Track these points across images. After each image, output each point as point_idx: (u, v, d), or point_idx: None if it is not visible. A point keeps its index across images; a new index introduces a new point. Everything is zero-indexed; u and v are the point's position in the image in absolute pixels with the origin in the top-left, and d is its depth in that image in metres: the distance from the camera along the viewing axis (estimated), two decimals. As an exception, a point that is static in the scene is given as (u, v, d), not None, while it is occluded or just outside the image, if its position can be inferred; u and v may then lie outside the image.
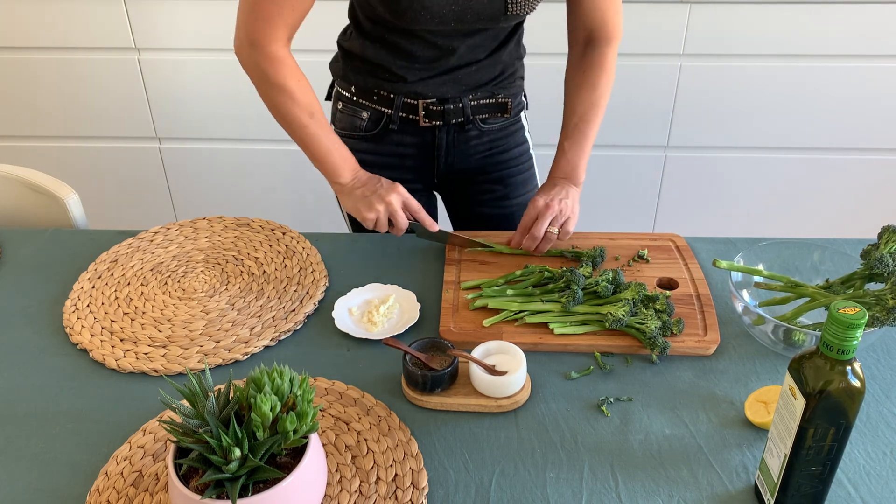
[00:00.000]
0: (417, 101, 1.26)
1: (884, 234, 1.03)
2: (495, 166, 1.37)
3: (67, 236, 1.33)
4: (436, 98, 1.26)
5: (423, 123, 1.28)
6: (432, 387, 0.95)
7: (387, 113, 1.28)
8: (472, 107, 1.29)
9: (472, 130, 1.32)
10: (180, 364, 1.03)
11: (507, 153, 1.37)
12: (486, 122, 1.32)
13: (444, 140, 1.32)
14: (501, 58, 1.26)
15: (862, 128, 2.18)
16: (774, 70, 2.10)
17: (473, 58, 1.23)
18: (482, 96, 1.29)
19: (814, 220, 2.36)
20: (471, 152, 1.35)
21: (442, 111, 1.27)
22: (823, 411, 0.71)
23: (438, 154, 1.33)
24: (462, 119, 1.29)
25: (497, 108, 1.31)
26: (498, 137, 1.35)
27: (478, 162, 1.36)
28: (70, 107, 2.27)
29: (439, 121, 1.28)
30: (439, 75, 1.24)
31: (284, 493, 0.74)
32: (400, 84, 1.25)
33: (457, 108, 1.27)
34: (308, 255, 1.23)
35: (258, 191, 2.40)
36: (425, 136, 1.31)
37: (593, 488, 0.85)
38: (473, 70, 1.25)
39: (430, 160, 1.34)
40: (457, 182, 1.39)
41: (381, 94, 1.27)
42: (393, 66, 1.23)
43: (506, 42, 1.25)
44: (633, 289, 1.07)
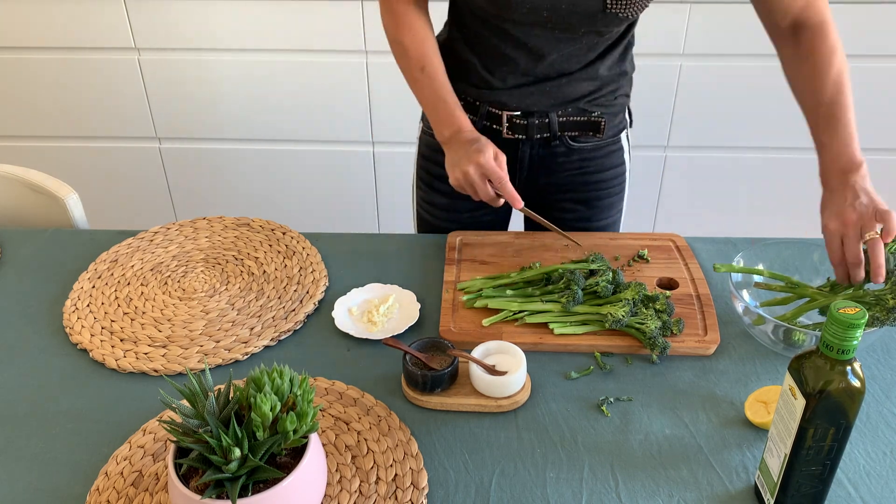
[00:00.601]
0: (502, 112, 1.22)
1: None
2: (583, 186, 1.30)
3: (67, 236, 1.33)
4: (520, 111, 1.21)
5: (506, 135, 1.24)
6: (432, 387, 0.95)
7: (471, 119, 1.21)
8: (560, 123, 1.22)
9: (560, 147, 1.26)
10: (180, 364, 1.03)
11: (599, 174, 1.30)
12: (576, 140, 1.25)
13: (528, 154, 1.26)
14: (598, 73, 1.19)
15: (862, 128, 2.17)
16: (774, 70, 2.09)
17: (565, 69, 1.17)
18: (572, 113, 1.22)
19: (814, 220, 2.34)
20: (557, 170, 1.28)
21: (526, 125, 1.22)
22: (823, 411, 0.71)
23: (520, 167, 1.28)
24: (548, 135, 1.23)
25: (588, 127, 1.24)
26: (590, 157, 1.28)
27: (564, 179, 1.29)
28: (70, 107, 2.27)
29: (522, 135, 1.23)
30: (527, 85, 1.19)
31: (284, 493, 0.74)
32: (485, 91, 1.21)
33: (542, 123, 1.22)
34: (308, 255, 1.23)
35: (258, 191, 2.40)
36: (508, 148, 1.25)
37: (593, 488, 0.85)
38: (564, 83, 1.18)
39: (511, 172, 1.25)
40: (539, 196, 1.32)
41: (468, 100, 1.24)
42: (481, 67, 1.19)
43: (604, 55, 1.18)
44: (633, 289, 1.07)
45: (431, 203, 1.36)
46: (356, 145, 2.29)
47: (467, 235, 1.27)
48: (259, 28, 2.10)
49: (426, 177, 1.35)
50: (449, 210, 1.28)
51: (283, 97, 2.20)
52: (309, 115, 2.24)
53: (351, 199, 2.40)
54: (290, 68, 2.16)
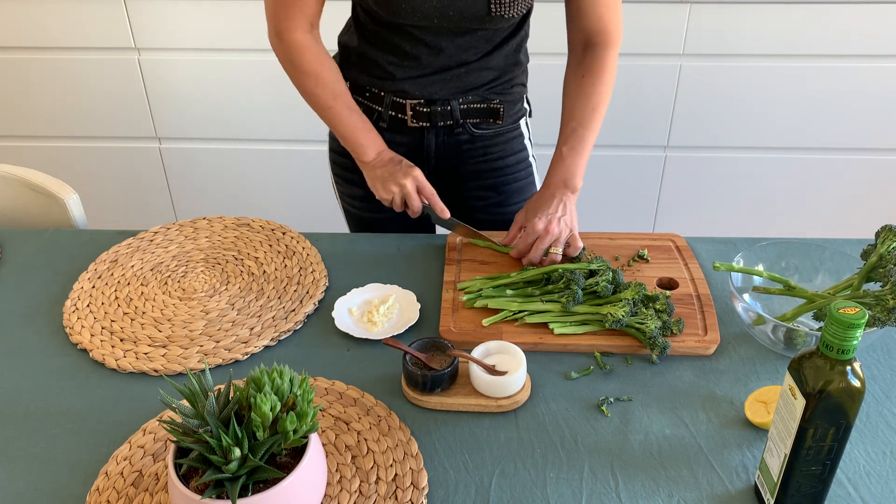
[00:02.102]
0: (405, 101, 1.26)
1: (881, 233, 1.03)
2: (489, 173, 1.36)
3: (67, 236, 1.33)
4: (423, 99, 1.26)
5: (411, 124, 1.28)
6: (432, 387, 0.95)
7: (377, 111, 1.29)
8: (462, 110, 1.27)
9: (463, 135, 1.31)
10: (180, 364, 1.03)
11: (503, 160, 1.35)
12: (478, 126, 1.31)
13: (434, 142, 1.31)
14: (495, 62, 1.25)
15: (862, 128, 2.18)
16: (774, 70, 2.10)
17: (463, 59, 1.22)
18: (473, 100, 1.27)
19: (814, 220, 2.36)
20: (463, 157, 1.34)
21: (429, 112, 1.26)
22: (823, 411, 0.71)
23: (428, 156, 1.33)
24: (451, 122, 1.28)
25: (489, 114, 1.29)
26: (492, 144, 1.33)
27: (471, 167, 1.35)
28: (70, 107, 2.27)
29: (426, 122, 1.28)
30: (428, 75, 1.23)
31: (284, 493, 0.74)
32: (389, 82, 1.25)
33: (445, 110, 1.27)
34: (308, 255, 1.23)
35: (258, 191, 2.40)
36: (415, 137, 1.31)
37: (593, 488, 0.85)
38: (463, 72, 1.23)
39: (419, 161, 1.33)
40: (450, 185, 1.38)
41: (373, 92, 1.28)
42: (384, 62, 1.23)
43: (500, 46, 1.23)
44: (633, 289, 1.07)
45: (353, 196, 1.40)
46: (356, 145, 2.29)
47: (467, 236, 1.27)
48: (259, 28, 2.09)
49: (340, 171, 1.39)
50: (370, 200, 1.32)
51: (283, 97, 2.20)
52: (309, 115, 2.22)
53: (351, 199, 2.39)
54: (290, 68, 2.15)
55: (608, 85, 1.22)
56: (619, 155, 2.25)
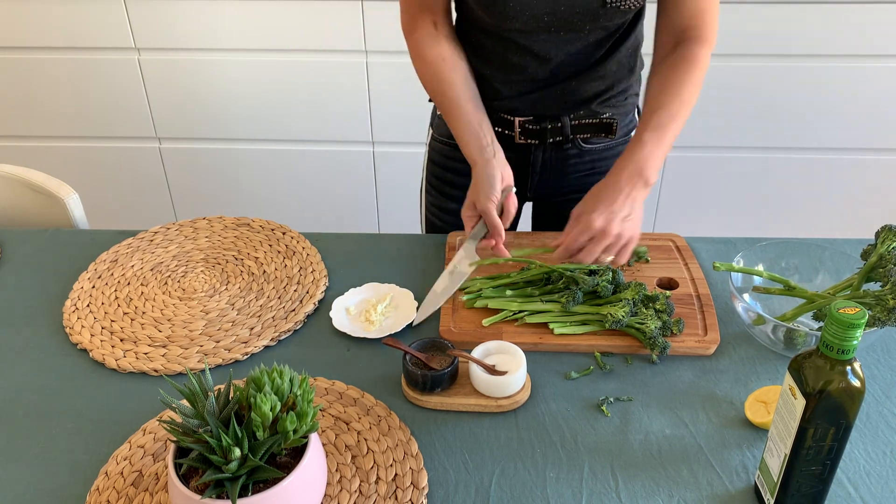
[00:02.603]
0: (514, 118, 1.21)
1: (881, 233, 1.03)
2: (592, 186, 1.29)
3: (67, 236, 1.33)
4: (533, 116, 1.21)
5: (518, 140, 1.23)
6: (432, 387, 0.95)
7: None
8: (573, 126, 1.21)
9: (572, 150, 1.25)
10: (180, 364, 1.03)
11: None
12: (588, 141, 1.24)
13: (541, 158, 1.26)
14: (608, 70, 1.17)
15: (862, 128, 2.18)
16: (775, 70, 2.10)
17: (573, 69, 1.15)
18: (584, 115, 1.21)
19: (814, 220, 2.36)
20: (569, 171, 1.28)
21: (539, 130, 1.21)
22: (823, 411, 0.71)
23: (533, 171, 1.28)
24: (560, 138, 1.23)
25: (601, 129, 1.23)
26: (601, 158, 1.27)
27: (576, 181, 1.29)
28: (70, 107, 2.27)
29: (536, 139, 1.22)
30: (536, 91, 1.18)
31: (284, 493, 0.74)
32: (496, 100, 1.20)
33: (555, 127, 1.21)
34: (308, 255, 1.23)
35: (258, 191, 2.40)
36: (521, 153, 1.25)
37: (593, 488, 0.85)
38: (573, 85, 1.17)
39: (523, 175, 1.28)
40: (550, 196, 1.33)
41: None
42: (489, 77, 1.18)
43: (612, 52, 1.16)
44: (633, 289, 1.07)
45: (442, 209, 1.36)
46: (356, 145, 2.29)
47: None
48: (259, 28, 2.10)
49: (437, 183, 1.35)
50: (460, 215, 1.27)
51: (282, 97, 2.20)
52: (309, 115, 2.24)
53: (351, 199, 2.40)
54: (290, 68, 2.16)
55: (699, 80, 1.11)
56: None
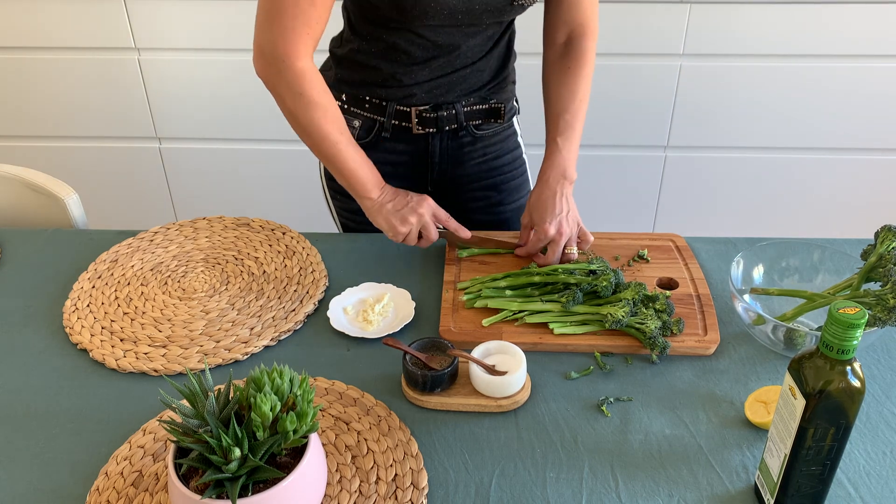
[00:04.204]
0: (410, 109, 1.24)
1: (881, 233, 1.03)
2: (489, 173, 1.36)
3: (67, 236, 1.33)
4: (429, 105, 1.24)
5: (416, 131, 1.26)
6: (432, 387, 0.95)
7: (379, 121, 1.26)
8: (466, 113, 1.27)
9: (466, 137, 1.30)
10: (180, 364, 1.03)
11: (501, 159, 1.35)
12: (479, 128, 1.30)
13: (438, 147, 1.30)
14: (493, 61, 1.25)
15: (862, 128, 2.18)
16: (774, 70, 2.10)
17: (469, 59, 1.21)
18: (475, 102, 1.27)
19: (814, 220, 2.36)
20: (464, 159, 1.33)
21: (435, 118, 1.25)
22: (823, 411, 0.71)
23: (432, 162, 1.32)
24: (455, 126, 1.28)
25: (490, 114, 1.29)
26: (491, 144, 1.33)
27: (472, 169, 1.35)
28: (70, 107, 2.27)
29: (433, 128, 1.26)
30: (435, 79, 1.22)
31: (284, 493, 0.74)
32: (393, 90, 1.23)
33: (450, 114, 1.25)
34: (308, 255, 1.23)
35: (258, 191, 2.40)
36: (418, 144, 1.29)
37: (593, 488, 0.85)
38: (468, 73, 1.22)
39: (423, 168, 1.32)
40: (450, 189, 1.37)
41: (374, 102, 1.25)
42: (387, 69, 1.20)
43: (497, 43, 1.23)
44: (633, 289, 1.07)
45: (352, 210, 1.36)
46: (356, 145, 2.29)
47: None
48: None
49: (338, 186, 1.35)
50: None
51: (283, 97, 2.20)
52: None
53: (351, 199, 2.39)
54: (290, 68, 2.15)
55: (590, 74, 1.24)
56: (619, 155, 2.25)
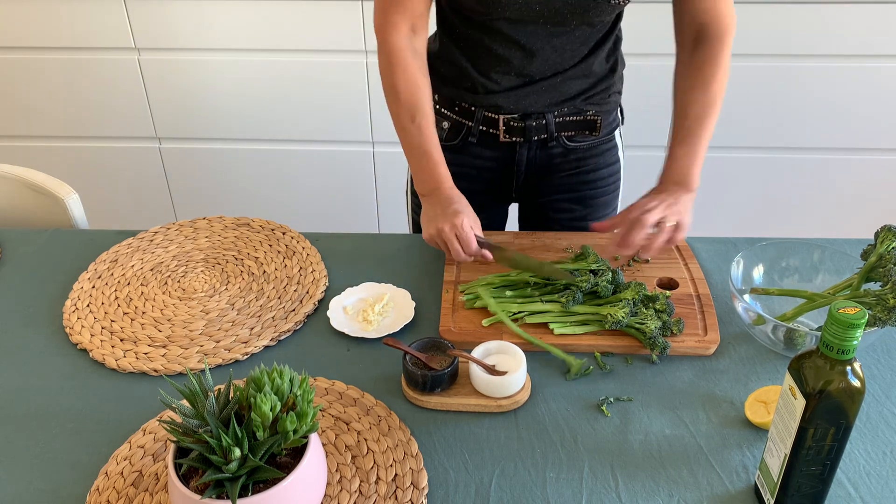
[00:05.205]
0: (498, 116, 1.21)
1: (881, 233, 1.03)
2: (579, 186, 1.30)
3: (67, 236, 1.33)
4: (517, 113, 1.21)
5: (503, 139, 1.23)
6: (432, 387, 0.95)
7: (467, 125, 1.24)
8: (557, 123, 1.22)
9: (557, 148, 1.26)
10: (180, 364, 1.03)
11: (594, 174, 1.30)
12: (572, 139, 1.25)
13: (525, 156, 1.26)
14: (591, 68, 1.19)
15: (862, 128, 2.18)
16: (774, 70, 2.10)
17: (558, 66, 1.17)
18: (568, 112, 1.22)
19: (814, 220, 2.36)
20: (554, 170, 1.29)
21: (523, 127, 1.21)
22: (823, 411, 0.71)
23: (518, 170, 1.28)
24: (545, 136, 1.23)
25: (585, 126, 1.24)
26: (586, 157, 1.28)
27: (560, 180, 1.30)
28: (70, 107, 2.27)
29: (520, 137, 1.23)
30: (522, 86, 1.18)
31: (284, 493, 0.74)
32: (481, 96, 1.20)
33: (539, 124, 1.22)
34: (308, 255, 1.23)
35: (258, 191, 2.40)
36: (505, 152, 1.26)
37: (593, 488, 0.85)
38: (558, 81, 1.18)
39: (508, 175, 1.29)
40: (535, 197, 1.33)
41: (463, 106, 1.23)
42: (474, 71, 1.18)
43: (595, 50, 1.17)
44: (633, 289, 1.07)
45: None
46: (356, 145, 2.29)
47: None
48: (259, 28, 2.10)
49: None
50: None
51: (282, 97, 2.20)
52: (308, 115, 2.24)
53: (351, 199, 2.40)
54: (289, 68, 2.16)
55: (724, 78, 1.15)
56: (619, 155, 2.25)
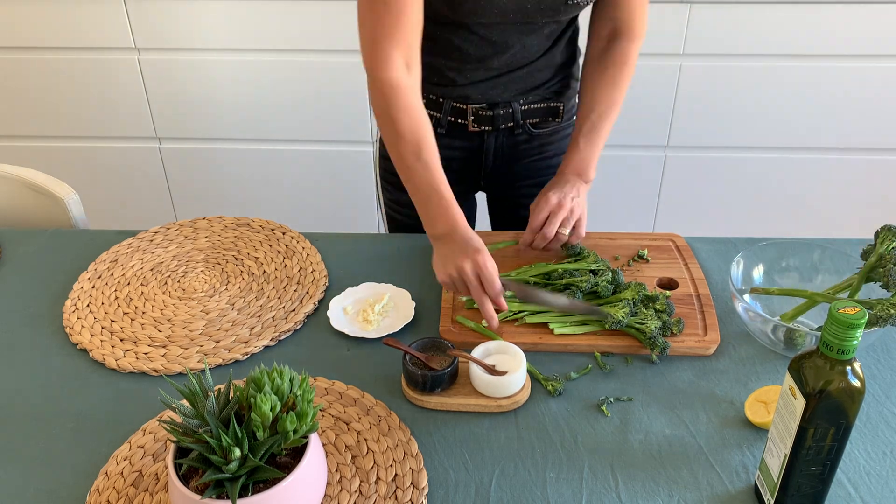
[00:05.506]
0: (467, 106, 1.23)
1: (881, 233, 1.03)
2: (544, 171, 1.34)
3: (67, 236, 1.33)
4: (485, 103, 1.23)
5: (472, 128, 1.25)
6: (432, 387, 0.95)
7: (435, 117, 1.25)
8: (523, 112, 1.25)
9: (522, 135, 1.29)
10: (180, 364, 1.03)
11: (557, 157, 1.32)
12: (536, 126, 1.29)
13: (493, 145, 1.29)
14: (555, 60, 1.23)
15: (862, 128, 2.18)
16: (775, 70, 2.10)
17: (527, 58, 1.19)
18: (533, 101, 1.25)
19: (814, 220, 2.36)
20: (519, 157, 1.32)
21: (491, 116, 1.24)
22: (823, 411, 0.71)
23: (486, 159, 1.31)
24: (511, 124, 1.26)
25: (549, 113, 1.28)
26: (549, 142, 1.32)
27: (526, 166, 1.33)
28: (70, 107, 2.27)
29: (489, 126, 1.25)
30: (490, 79, 1.21)
31: (284, 493, 0.74)
32: (449, 88, 1.22)
33: (507, 113, 1.24)
34: (308, 255, 1.23)
35: (258, 191, 2.40)
36: (473, 141, 1.28)
37: (593, 488, 0.85)
38: (525, 72, 1.21)
39: (476, 164, 1.31)
40: (502, 185, 1.36)
41: (430, 98, 1.24)
42: (443, 67, 1.20)
43: (558, 41, 1.21)
44: (633, 289, 1.07)
45: (400, 202, 1.37)
46: (356, 145, 2.29)
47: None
48: (259, 28, 2.10)
49: (391, 178, 1.35)
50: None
51: (282, 97, 2.20)
52: (308, 114, 2.24)
53: (351, 199, 2.40)
54: (289, 68, 2.16)
55: (629, 78, 1.22)
56: (619, 155, 2.25)
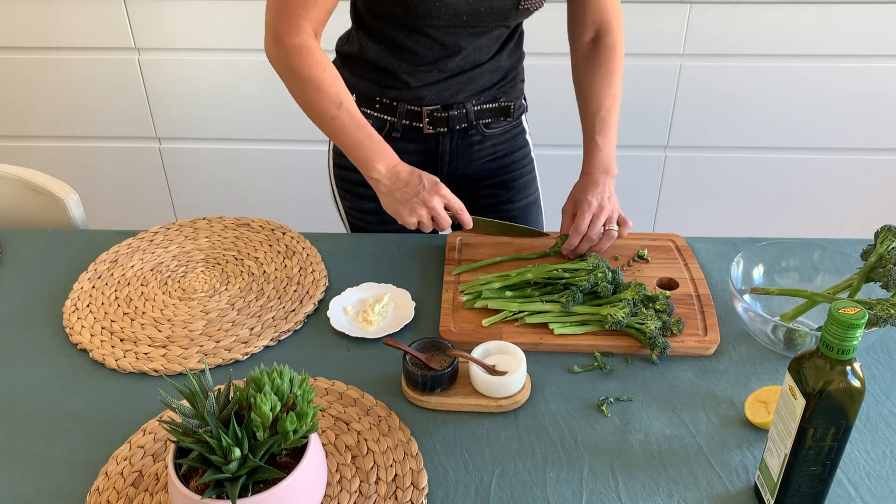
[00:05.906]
0: (421, 108, 1.25)
1: (881, 233, 1.03)
2: (498, 171, 1.37)
3: (67, 236, 1.33)
4: (440, 104, 1.25)
5: (427, 130, 1.27)
6: (432, 387, 0.95)
7: (389, 121, 1.27)
8: (476, 112, 1.28)
9: (476, 136, 1.32)
10: (180, 364, 1.03)
11: (510, 157, 1.37)
12: (489, 126, 1.32)
13: (448, 147, 1.31)
14: (503, 61, 1.26)
15: (862, 128, 2.18)
16: (774, 70, 2.10)
17: (478, 60, 1.22)
18: (485, 101, 1.28)
19: (814, 220, 2.36)
20: (474, 157, 1.34)
21: (446, 118, 1.26)
22: (823, 411, 0.71)
23: (442, 161, 1.33)
24: (465, 125, 1.29)
25: (500, 113, 1.31)
26: (500, 142, 1.35)
27: (481, 167, 1.36)
28: (70, 107, 2.27)
29: (443, 127, 1.27)
30: (443, 80, 1.23)
31: (284, 493, 0.74)
32: (403, 91, 1.24)
33: (461, 113, 1.27)
34: (308, 255, 1.23)
35: (258, 191, 2.40)
36: (429, 144, 1.30)
37: (593, 488, 0.85)
38: (477, 73, 1.24)
39: (433, 167, 1.33)
40: (459, 187, 1.38)
41: (384, 102, 1.26)
42: (397, 69, 1.21)
43: (506, 44, 1.24)
44: (633, 289, 1.07)
45: (361, 210, 1.37)
46: (356, 145, 2.29)
47: (467, 236, 1.27)
48: (259, 28, 2.10)
49: (347, 185, 1.36)
50: (380, 213, 1.26)
51: (283, 97, 2.19)
52: (309, 115, 2.24)
53: (351, 199, 2.40)
54: (290, 68, 2.16)
55: (621, 69, 1.25)
56: (619, 155, 2.22)
